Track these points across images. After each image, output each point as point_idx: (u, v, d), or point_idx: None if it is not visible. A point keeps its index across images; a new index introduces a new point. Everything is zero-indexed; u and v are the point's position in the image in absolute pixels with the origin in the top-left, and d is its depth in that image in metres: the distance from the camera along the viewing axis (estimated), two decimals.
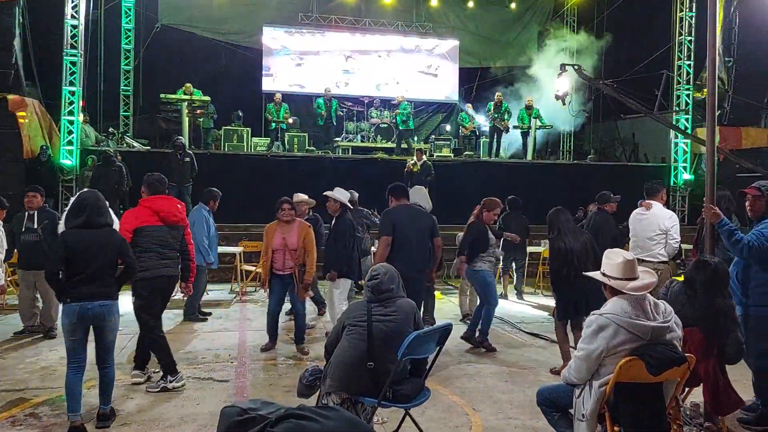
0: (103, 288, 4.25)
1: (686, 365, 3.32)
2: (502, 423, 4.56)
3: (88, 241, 4.22)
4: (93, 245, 4.22)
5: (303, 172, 12.45)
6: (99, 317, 4.25)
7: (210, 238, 7.77)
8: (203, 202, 7.85)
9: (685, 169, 14.52)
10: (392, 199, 6.10)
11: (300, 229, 6.39)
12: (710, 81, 4.30)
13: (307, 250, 6.35)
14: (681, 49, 14.42)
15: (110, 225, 4.41)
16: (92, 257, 4.20)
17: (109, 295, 4.29)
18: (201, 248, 7.55)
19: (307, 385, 3.87)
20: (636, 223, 6.48)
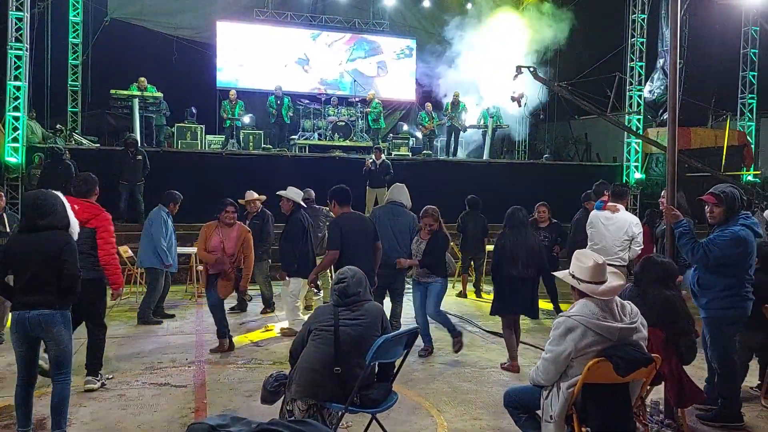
0: (41, 296, 3.86)
1: (653, 365, 3.36)
2: (468, 424, 4.54)
3: (26, 246, 3.89)
4: (30, 250, 3.87)
5: (259, 170, 12.21)
6: (38, 328, 3.88)
7: (169, 241, 7.54)
8: (163, 204, 7.63)
9: (637, 168, 14.90)
10: (335, 203, 6.01)
11: (239, 234, 6.29)
12: (671, 83, 4.37)
13: (244, 255, 6.26)
14: (633, 51, 14.78)
15: (57, 227, 3.96)
16: (29, 263, 3.85)
17: (48, 304, 3.88)
18: (159, 251, 7.37)
19: (271, 392, 3.77)
20: (601, 227, 6.41)
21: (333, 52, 18.03)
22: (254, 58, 17.06)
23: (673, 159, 4.42)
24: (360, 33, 18.38)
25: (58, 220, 3.98)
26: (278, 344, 6.66)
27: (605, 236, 6.38)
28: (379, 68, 18.48)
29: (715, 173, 12.84)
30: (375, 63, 18.47)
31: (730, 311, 4.36)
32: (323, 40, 17.98)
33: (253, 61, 17.06)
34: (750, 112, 15.86)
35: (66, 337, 4.00)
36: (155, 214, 7.58)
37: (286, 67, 17.28)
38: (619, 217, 6.36)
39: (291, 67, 17.42)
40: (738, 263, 4.29)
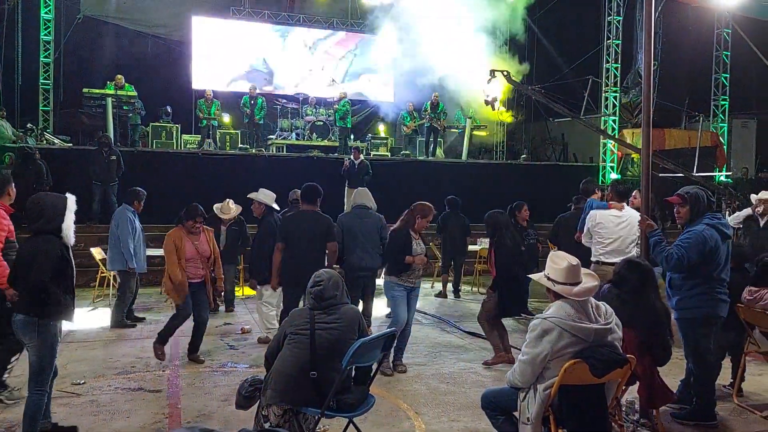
0: (18, 301, 3.94)
1: (628, 366, 3.38)
2: (446, 426, 4.54)
3: (21, 249, 4.08)
4: (22, 252, 4.01)
5: (236, 171, 12.10)
6: (19, 332, 3.90)
7: (137, 242, 7.39)
8: (127, 203, 7.46)
9: (613, 168, 15.06)
10: (303, 202, 6.10)
11: (207, 236, 6.13)
12: (645, 86, 4.41)
13: (215, 255, 6.14)
14: (609, 53, 14.93)
15: (47, 231, 3.87)
16: (17, 265, 3.99)
17: (19, 308, 3.86)
18: (125, 252, 7.19)
19: (246, 397, 3.71)
20: (612, 226, 6.17)
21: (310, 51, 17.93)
22: (230, 56, 16.89)
23: (648, 161, 4.45)
24: (338, 31, 18.30)
25: (47, 224, 3.89)
26: (254, 348, 6.58)
27: (619, 235, 6.19)
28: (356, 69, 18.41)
29: (688, 174, 13.02)
30: (353, 62, 18.40)
31: (698, 311, 4.41)
32: (300, 37, 17.87)
33: (228, 60, 16.89)
34: (722, 114, 16.14)
35: (38, 346, 3.86)
36: (120, 214, 7.38)
37: (262, 65, 17.14)
38: (629, 215, 6.22)
39: (268, 66, 17.28)
40: (703, 263, 4.34)
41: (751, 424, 4.63)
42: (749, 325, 4.96)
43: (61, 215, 3.92)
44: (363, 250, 6.29)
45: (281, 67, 17.46)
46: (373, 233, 6.36)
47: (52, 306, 3.83)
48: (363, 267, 6.27)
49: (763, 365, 5.34)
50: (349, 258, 6.26)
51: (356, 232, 6.33)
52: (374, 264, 6.40)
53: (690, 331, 4.47)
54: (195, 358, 6.04)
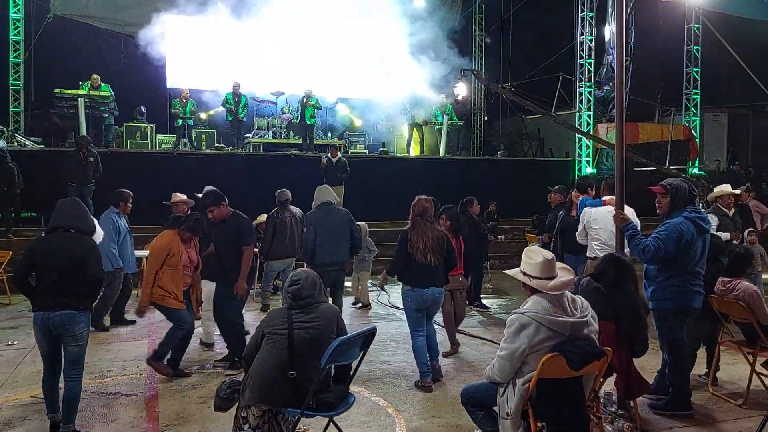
0: (65, 297, 4.08)
1: (605, 359, 3.41)
2: (426, 422, 4.54)
3: (52, 247, 4.13)
4: (54, 252, 4.11)
5: (212, 170, 11.96)
6: (60, 328, 4.11)
7: (122, 243, 7.29)
8: (112, 205, 7.36)
9: (588, 163, 15.21)
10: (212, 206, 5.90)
11: (195, 242, 5.96)
12: (618, 81, 4.44)
13: (198, 262, 6.02)
14: (582, 48, 15.06)
15: (81, 230, 4.22)
16: (54, 264, 4.08)
17: (71, 305, 4.10)
18: (108, 254, 7.12)
19: (224, 399, 3.68)
20: (609, 224, 5.82)
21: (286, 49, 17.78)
22: (205, 54, 16.69)
23: (621, 155, 4.50)
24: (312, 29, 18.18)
25: (82, 223, 4.25)
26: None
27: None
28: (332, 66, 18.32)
29: (660, 167, 13.22)
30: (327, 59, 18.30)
31: (672, 302, 4.48)
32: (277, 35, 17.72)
33: (203, 58, 16.69)
34: (694, 107, 16.39)
35: (81, 337, 4.20)
36: (104, 218, 7.31)
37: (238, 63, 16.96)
38: (627, 211, 6.29)
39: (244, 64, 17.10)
40: (679, 256, 4.40)
41: (727, 413, 4.71)
42: (723, 316, 5.05)
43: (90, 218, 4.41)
44: (332, 245, 6.45)
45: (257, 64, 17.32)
46: (342, 228, 6.53)
47: (94, 297, 4.38)
48: (333, 262, 6.44)
49: (737, 354, 5.42)
50: (318, 253, 6.37)
51: (325, 228, 6.45)
52: (343, 258, 6.63)
53: (664, 322, 4.54)
54: (180, 372, 5.61)
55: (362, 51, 17.52)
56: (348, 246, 6.58)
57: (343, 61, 18.35)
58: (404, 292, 5.39)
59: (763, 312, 4.75)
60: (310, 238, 6.44)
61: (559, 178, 14.08)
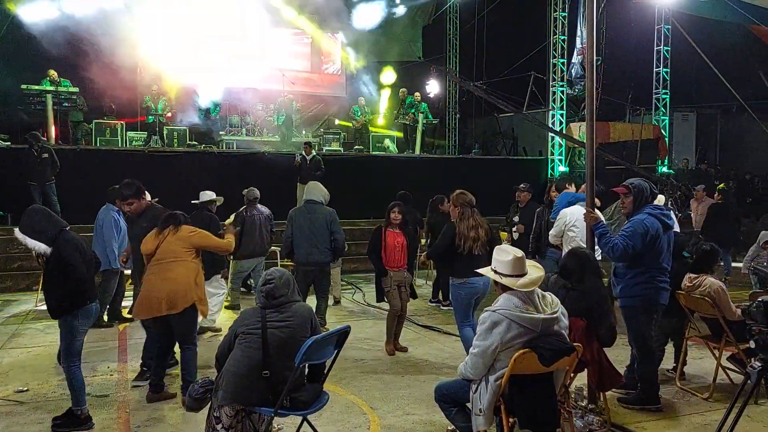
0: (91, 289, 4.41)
1: (575, 354, 3.46)
2: (401, 420, 4.56)
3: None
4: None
5: (185, 168, 11.82)
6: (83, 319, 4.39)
7: (121, 241, 7.14)
8: (110, 203, 7.22)
9: (561, 161, 15.39)
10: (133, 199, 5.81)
11: None
12: (589, 81, 4.50)
13: None
14: (555, 48, 15.22)
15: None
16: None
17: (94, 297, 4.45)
18: (108, 252, 7.00)
19: (196, 399, 3.65)
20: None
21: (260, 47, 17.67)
22: (177, 51, 16.46)
23: (592, 154, 4.56)
24: (288, 27, 18.10)
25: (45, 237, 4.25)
26: (204, 349, 6.45)
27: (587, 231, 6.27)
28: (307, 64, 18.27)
29: (630, 166, 13.44)
30: (303, 57, 18.24)
31: (640, 299, 4.58)
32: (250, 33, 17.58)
33: (176, 54, 16.46)
34: (664, 107, 16.68)
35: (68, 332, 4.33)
36: (104, 215, 7.20)
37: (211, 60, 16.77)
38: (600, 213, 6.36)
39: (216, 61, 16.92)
40: (645, 252, 4.49)
41: (694, 406, 4.81)
42: (689, 311, 5.16)
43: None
44: (311, 245, 6.43)
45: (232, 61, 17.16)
46: (323, 228, 6.45)
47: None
48: (310, 262, 6.43)
49: (704, 349, 5.56)
50: (296, 252, 6.36)
51: (304, 227, 6.44)
52: (323, 258, 6.55)
53: (633, 318, 4.63)
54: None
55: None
56: (327, 247, 6.49)
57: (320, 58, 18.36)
58: (455, 285, 5.46)
59: (728, 308, 4.87)
60: (286, 234, 6.43)
61: (533, 177, 14.25)
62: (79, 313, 4.28)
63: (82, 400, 4.39)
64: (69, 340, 4.33)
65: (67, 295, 4.21)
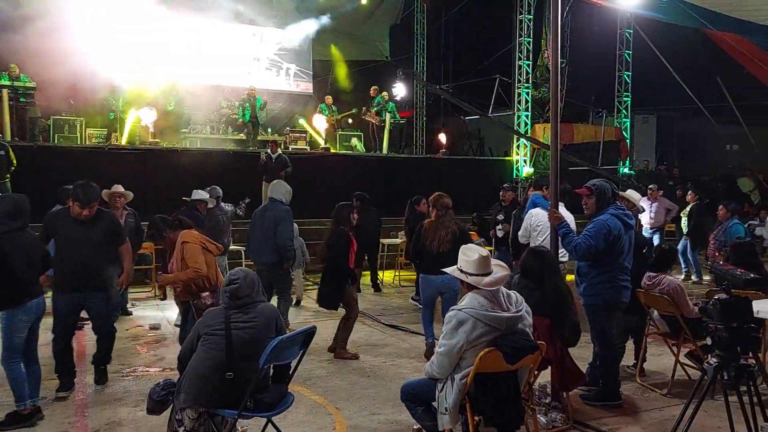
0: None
1: (539, 352, 3.50)
2: (366, 420, 4.55)
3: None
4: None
5: (147, 166, 11.58)
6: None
7: None
8: (60, 203, 6.98)
9: (526, 162, 15.58)
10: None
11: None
12: (553, 84, 4.56)
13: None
14: (521, 50, 15.40)
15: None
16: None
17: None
18: None
19: (158, 401, 3.57)
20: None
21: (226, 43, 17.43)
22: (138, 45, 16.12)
23: (556, 155, 4.62)
24: (254, 24, 17.91)
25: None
26: (166, 350, 6.34)
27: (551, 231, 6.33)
28: (273, 61, 18.10)
29: (592, 167, 13.69)
30: (269, 54, 18.06)
31: (602, 297, 4.66)
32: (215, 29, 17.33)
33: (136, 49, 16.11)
34: (625, 110, 17.05)
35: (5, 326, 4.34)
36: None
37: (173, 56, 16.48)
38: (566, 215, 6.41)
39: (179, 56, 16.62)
40: (608, 251, 4.57)
41: (653, 402, 4.92)
42: (649, 309, 5.27)
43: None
44: (259, 244, 6.38)
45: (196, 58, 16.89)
46: (271, 228, 6.34)
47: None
48: (258, 261, 6.44)
49: (663, 346, 5.68)
50: (249, 251, 6.40)
51: (257, 226, 6.40)
52: (270, 259, 6.38)
53: (595, 316, 4.71)
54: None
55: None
56: (273, 248, 6.31)
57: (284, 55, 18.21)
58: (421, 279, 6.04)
59: (686, 305, 4.99)
60: (248, 234, 6.38)
61: (498, 177, 14.38)
62: (19, 310, 4.28)
63: (24, 395, 4.37)
64: (9, 336, 4.32)
65: (2, 291, 4.19)
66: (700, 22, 11.41)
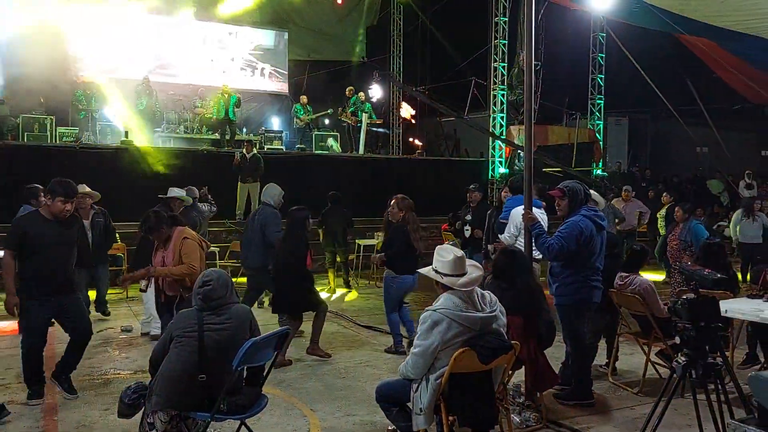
0: None
1: (513, 352, 3.53)
2: (341, 421, 4.53)
3: None
4: None
5: (119, 165, 11.39)
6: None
7: None
8: (26, 203, 6.81)
9: (501, 163, 15.69)
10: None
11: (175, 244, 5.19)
12: (527, 87, 4.60)
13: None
14: (497, 52, 15.50)
15: None
16: None
17: None
18: None
19: (129, 405, 3.53)
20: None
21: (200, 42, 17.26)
22: (112, 43, 15.90)
23: (530, 157, 4.66)
24: (228, 22, 17.76)
25: None
26: (138, 353, 6.25)
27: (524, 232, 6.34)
28: (248, 61, 17.97)
29: (566, 169, 13.85)
30: (244, 54, 17.93)
31: (574, 297, 4.71)
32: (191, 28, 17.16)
33: (110, 47, 15.89)
34: (599, 112, 17.27)
35: None
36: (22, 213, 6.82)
37: (148, 54, 16.28)
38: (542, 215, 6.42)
39: (153, 55, 16.43)
40: (580, 252, 4.63)
41: (625, 400, 4.99)
42: (621, 308, 5.35)
43: None
44: (246, 249, 6.41)
45: (170, 57, 16.69)
46: (256, 231, 6.37)
47: None
48: (245, 266, 6.52)
49: (634, 345, 5.76)
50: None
51: (247, 230, 6.44)
52: (254, 263, 6.40)
53: (567, 316, 4.76)
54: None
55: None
56: (260, 252, 6.31)
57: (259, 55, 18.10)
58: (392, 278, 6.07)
59: (656, 305, 5.08)
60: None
61: (475, 178, 14.46)
62: None
63: None
64: None
65: None
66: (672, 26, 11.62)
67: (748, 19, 10.64)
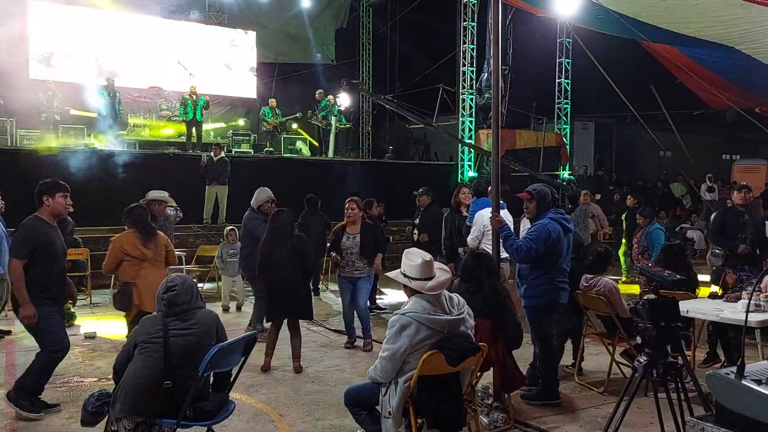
0: None
1: (480, 353, 3.56)
2: (310, 426, 4.51)
3: None
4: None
5: (82, 169, 11.15)
6: None
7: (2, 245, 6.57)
8: None
9: (470, 167, 15.83)
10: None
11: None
12: (494, 91, 4.65)
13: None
14: (465, 56, 15.65)
15: None
16: None
17: None
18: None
19: (92, 413, 3.45)
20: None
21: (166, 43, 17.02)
22: (75, 44, 15.59)
23: (497, 160, 4.72)
24: (196, 23, 17.57)
25: None
26: (102, 360, 6.12)
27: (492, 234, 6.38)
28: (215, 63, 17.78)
29: (533, 173, 14.04)
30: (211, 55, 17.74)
31: (541, 299, 4.79)
32: (156, 28, 16.91)
33: (73, 48, 15.58)
34: (565, 116, 17.56)
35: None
36: None
37: (112, 56, 15.99)
38: (507, 217, 6.35)
39: (118, 57, 16.13)
40: (548, 254, 4.70)
41: (591, 400, 5.07)
42: (586, 309, 5.44)
43: None
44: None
45: (134, 59, 16.40)
46: (242, 236, 6.61)
47: None
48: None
49: (600, 345, 5.86)
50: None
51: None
52: (243, 265, 6.68)
53: (535, 317, 4.83)
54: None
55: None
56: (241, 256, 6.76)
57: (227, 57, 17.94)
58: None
59: (621, 306, 5.17)
60: None
61: (444, 181, 14.58)
62: None
63: None
64: None
65: None
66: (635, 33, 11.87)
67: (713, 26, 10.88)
